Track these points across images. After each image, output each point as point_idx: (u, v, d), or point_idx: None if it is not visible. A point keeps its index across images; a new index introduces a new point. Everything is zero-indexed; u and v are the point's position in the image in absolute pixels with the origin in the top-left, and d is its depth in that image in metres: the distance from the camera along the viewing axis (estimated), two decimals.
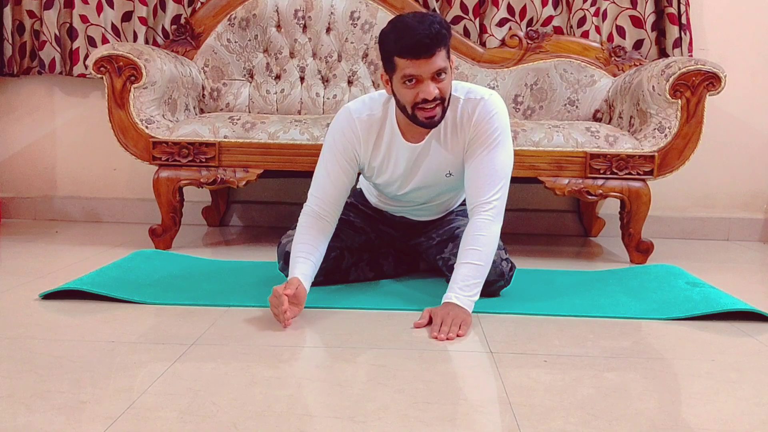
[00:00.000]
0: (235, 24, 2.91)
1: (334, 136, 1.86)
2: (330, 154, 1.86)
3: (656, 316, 1.79)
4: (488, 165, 1.78)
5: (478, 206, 1.77)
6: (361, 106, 1.86)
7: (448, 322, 1.60)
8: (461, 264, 1.73)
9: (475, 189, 1.79)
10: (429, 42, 1.63)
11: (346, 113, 1.86)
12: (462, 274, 1.71)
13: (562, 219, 3.19)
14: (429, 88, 1.67)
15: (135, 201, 3.24)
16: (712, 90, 2.38)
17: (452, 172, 1.89)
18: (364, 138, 1.85)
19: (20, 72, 3.12)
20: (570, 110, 2.85)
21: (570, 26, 2.96)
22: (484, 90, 1.83)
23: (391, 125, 1.83)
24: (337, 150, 1.85)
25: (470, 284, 1.70)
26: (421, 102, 1.69)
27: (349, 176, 1.87)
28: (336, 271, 2.03)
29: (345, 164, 1.85)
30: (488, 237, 1.74)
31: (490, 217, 1.75)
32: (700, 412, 1.21)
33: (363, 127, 1.84)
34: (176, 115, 2.61)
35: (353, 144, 1.85)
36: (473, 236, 1.74)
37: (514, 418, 1.16)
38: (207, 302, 1.82)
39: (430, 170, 1.87)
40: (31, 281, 2.04)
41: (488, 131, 1.78)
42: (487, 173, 1.78)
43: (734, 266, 2.58)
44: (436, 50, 1.64)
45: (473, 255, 1.72)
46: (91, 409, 1.16)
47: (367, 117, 1.84)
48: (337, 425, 1.12)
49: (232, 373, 1.34)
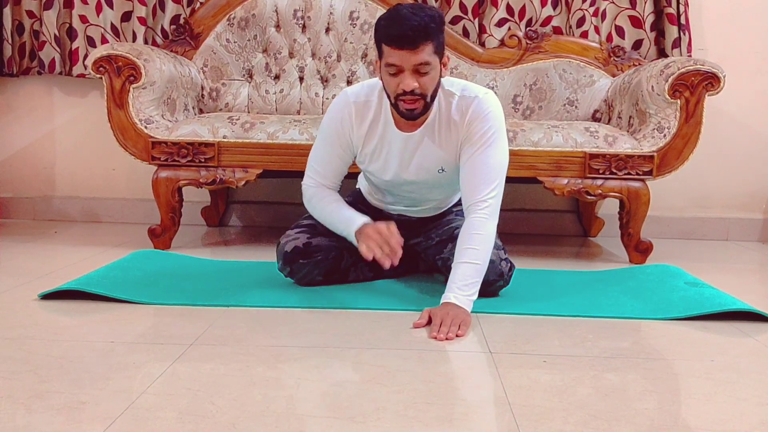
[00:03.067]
0: (235, 24, 2.91)
1: (329, 119, 1.92)
2: (324, 137, 1.93)
3: (655, 316, 1.79)
4: (483, 163, 1.79)
5: (473, 205, 1.77)
6: (359, 90, 1.89)
7: (448, 322, 1.60)
8: (459, 264, 1.73)
9: (470, 188, 1.79)
10: (413, 34, 1.64)
11: (343, 97, 1.90)
12: (460, 273, 1.71)
13: (561, 219, 3.19)
14: (408, 80, 1.69)
15: (134, 201, 3.23)
16: (711, 90, 2.38)
17: (445, 169, 1.90)
18: (357, 123, 1.88)
19: (20, 72, 3.12)
20: (569, 110, 2.85)
21: (569, 26, 2.96)
22: (480, 88, 1.85)
23: (386, 112, 1.86)
24: (332, 133, 1.91)
25: (468, 284, 1.70)
26: (402, 93, 1.71)
27: (343, 158, 1.93)
28: (335, 271, 2.03)
29: (338, 147, 1.92)
30: (484, 235, 1.74)
31: (486, 215, 1.76)
32: (699, 413, 1.22)
33: (358, 112, 1.87)
34: (175, 115, 2.61)
35: (346, 128, 1.88)
36: (470, 235, 1.74)
37: (513, 418, 1.16)
38: (206, 302, 1.82)
39: (423, 163, 1.89)
40: (30, 281, 2.04)
41: (482, 130, 1.79)
42: (481, 172, 1.79)
43: (733, 266, 2.58)
44: (420, 43, 1.66)
45: (471, 254, 1.72)
46: (90, 410, 1.16)
47: (364, 102, 1.87)
48: (335, 425, 1.12)
49: (231, 373, 1.34)
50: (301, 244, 1.95)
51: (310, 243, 1.96)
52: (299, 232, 1.98)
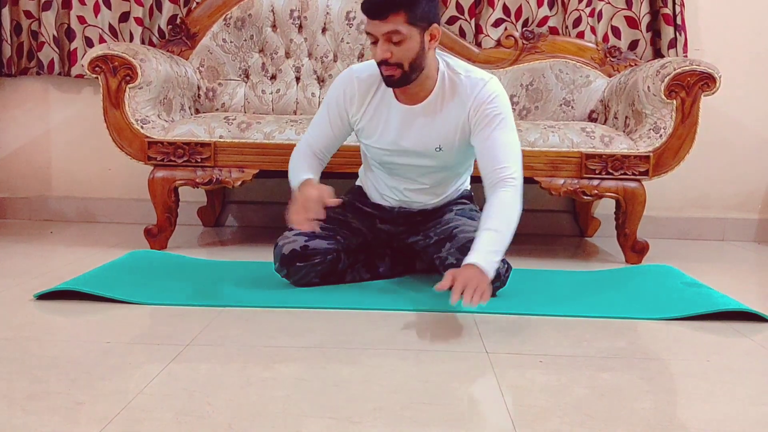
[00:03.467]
0: (231, 24, 2.91)
1: (333, 90, 2.00)
2: (325, 109, 2.00)
3: (652, 316, 1.79)
4: (501, 142, 1.84)
5: (497, 183, 1.79)
6: (364, 67, 1.97)
7: (472, 285, 1.58)
8: (483, 230, 1.71)
9: (491, 166, 1.81)
10: (382, 3, 1.72)
11: (348, 72, 1.99)
12: (484, 239, 1.69)
13: (557, 219, 3.20)
14: (379, 49, 1.77)
15: (130, 201, 3.23)
16: (707, 90, 2.39)
17: (442, 147, 1.93)
18: (360, 96, 1.94)
19: (18, 72, 3.11)
20: (565, 110, 2.86)
21: (565, 27, 2.96)
22: (485, 73, 1.92)
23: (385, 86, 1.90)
24: (331, 106, 1.98)
25: (492, 250, 1.68)
26: (379, 61, 1.79)
27: (341, 131, 2.01)
28: (332, 273, 2.02)
29: (336, 119, 1.98)
30: (509, 208, 1.75)
31: (511, 192, 1.77)
32: (695, 413, 1.22)
33: (361, 86, 1.94)
34: (171, 115, 2.61)
35: (347, 100, 1.95)
36: (494, 207, 1.74)
37: (510, 418, 1.16)
38: (202, 303, 1.82)
39: (421, 137, 1.92)
40: (26, 281, 2.03)
41: (494, 111, 1.84)
42: (501, 150, 1.83)
43: (729, 266, 2.59)
44: (389, 14, 1.73)
45: (494, 223, 1.72)
46: (87, 410, 1.16)
47: (367, 76, 1.93)
48: (332, 426, 1.11)
49: (227, 373, 1.34)
50: (298, 247, 1.95)
51: (308, 246, 1.96)
52: (297, 235, 1.97)
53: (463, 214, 2.07)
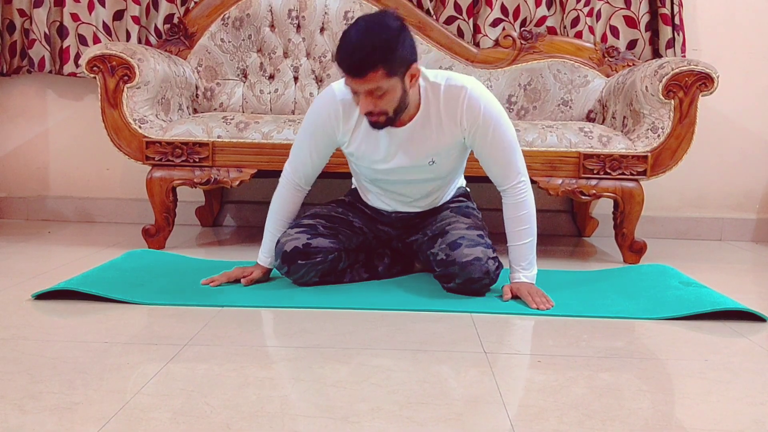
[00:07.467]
0: (229, 24, 2.90)
1: (314, 113, 1.93)
2: (307, 131, 1.95)
3: (649, 315, 1.79)
4: (500, 148, 1.87)
5: (508, 189, 1.91)
6: (346, 89, 1.85)
7: (538, 294, 1.86)
8: (514, 246, 1.91)
9: (500, 174, 1.91)
10: (359, 65, 1.65)
11: (330, 94, 1.90)
12: (519, 254, 1.91)
13: (555, 219, 3.20)
14: (362, 102, 1.73)
15: (128, 201, 3.23)
16: (704, 90, 2.39)
17: (435, 160, 1.92)
18: (345, 119, 1.90)
19: (10, 71, 3.09)
20: (563, 110, 2.86)
21: (563, 26, 2.96)
22: (464, 77, 1.87)
23: None
24: (315, 128, 1.93)
25: (529, 261, 1.91)
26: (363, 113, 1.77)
27: (323, 154, 1.99)
28: (332, 273, 2.02)
29: (320, 143, 1.95)
30: (528, 212, 1.91)
31: (523, 195, 1.90)
32: (693, 412, 1.22)
33: (346, 110, 1.89)
34: (169, 115, 2.60)
35: (332, 125, 1.91)
36: (516, 218, 1.90)
37: (508, 418, 1.16)
38: (200, 303, 1.82)
39: (411, 157, 1.90)
40: (24, 281, 2.03)
41: (483, 117, 1.84)
42: (503, 156, 1.88)
43: (727, 266, 2.59)
44: (368, 72, 1.65)
45: (521, 235, 1.90)
46: (84, 410, 1.15)
47: (351, 100, 1.84)
48: (330, 426, 1.11)
49: (225, 373, 1.34)
50: (300, 245, 1.95)
51: (310, 244, 1.95)
52: (299, 232, 1.97)
53: (459, 211, 2.09)
